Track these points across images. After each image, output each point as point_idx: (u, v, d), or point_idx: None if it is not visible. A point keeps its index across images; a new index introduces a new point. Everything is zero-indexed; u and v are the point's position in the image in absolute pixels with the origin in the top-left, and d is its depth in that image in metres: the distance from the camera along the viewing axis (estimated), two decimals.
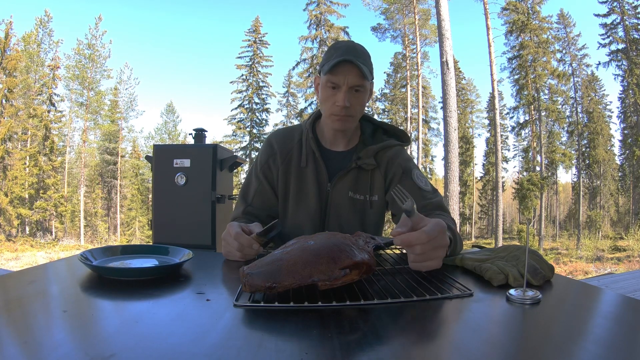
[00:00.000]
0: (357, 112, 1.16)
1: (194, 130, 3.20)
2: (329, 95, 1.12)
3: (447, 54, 9.68)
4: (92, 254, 0.84)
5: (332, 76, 1.09)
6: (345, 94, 1.10)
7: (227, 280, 0.82)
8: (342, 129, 1.18)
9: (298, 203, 1.24)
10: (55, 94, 20.63)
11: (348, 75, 1.09)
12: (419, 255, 0.74)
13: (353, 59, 1.07)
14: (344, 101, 1.09)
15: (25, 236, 19.04)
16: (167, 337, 0.49)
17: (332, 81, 1.10)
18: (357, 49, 1.12)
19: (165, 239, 2.79)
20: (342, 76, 1.09)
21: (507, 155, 23.39)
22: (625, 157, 21.23)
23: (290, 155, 1.25)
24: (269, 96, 24.23)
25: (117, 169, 22.55)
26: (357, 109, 1.14)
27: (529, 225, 0.95)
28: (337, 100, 1.11)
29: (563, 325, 0.57)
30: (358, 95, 1.13)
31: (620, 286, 3.95)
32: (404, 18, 21.94)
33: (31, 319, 0.54)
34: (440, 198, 1.19)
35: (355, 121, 1.19)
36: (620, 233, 20.19)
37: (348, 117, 1.14)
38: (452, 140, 9.70)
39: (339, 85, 1.10)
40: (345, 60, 1.07)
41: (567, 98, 20.88)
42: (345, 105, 1.10)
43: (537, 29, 20.28)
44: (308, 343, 0.50)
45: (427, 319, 0.60)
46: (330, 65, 1.08)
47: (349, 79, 1.09)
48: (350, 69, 1.08)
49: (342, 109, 1.11)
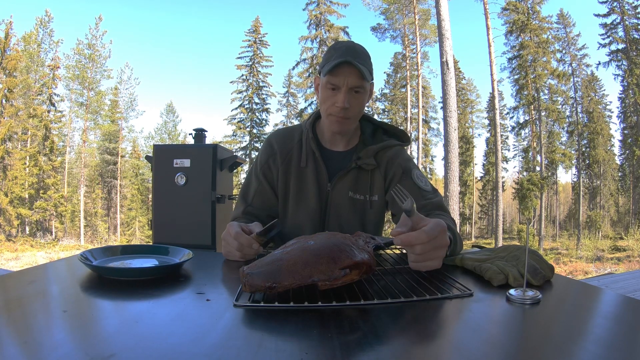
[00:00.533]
0: (356, 113, 1.16)
1: (194, 130, 3.20)
2: (328, 96, 1.12)
3: (447, 54, 9.68)
4: (92, 254, 0.84)
5: (332, 77, 1.09)
6: (345, 95, 1.10)
7: (227, 280, 0.82)
8: (339, 131, 1.18)
9: (298, 203, 1.24)
10: (55, 94, 20.64)
11: (348, 76, 1.09)
12: (419, 255, 0.74)
13: (353, 60, 1.07)
14: (343, 102, 1.09)
15: (25, 236, 19.04)
16: (167, 337, 0.49)
17: (332, 82, 1.10)
18: (356, 50, 1.12)
19: (165, 239, 2.79)
20: (342, 77, 1.09)
21: (507, 155, 23.42)
22: (625, 157, 21.24)
23: (290, 155, 1.25)
24: (269, 96, 24.25)
25: (117, 169, 22.55)
26: (356, 110, 1.14)
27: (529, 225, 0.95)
28: (336, 101, 1.11)
29: (563, 325, 0.57)
30: (357, 97, 1.13)
31: (620, 286, 3.95)
32: (404, 18, 21.94)
33: (31, 319, 0.54)
34: (440, 198, 1.19)
35: (353, 122, 1.19)
36: (620, 233, 20.18)
37: (346, 118, 1.14)
38: (452, 140, 9.70)
39: (339, 86, 1.10)
40: (345, 62, 1.07)
41: (567, 98, 20.88)
42: (345, 106, 1.10)
43: (537, 29, 20.28)
44: (308, 343, 0.50)
45: (427, 319, 0.60)
46: (330, 66, 1.08)
47: (348, 80, 1.09)
48: (350, 70, 1.08)
49: (341, 109, 1.11)
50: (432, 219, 0.76)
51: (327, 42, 21.72)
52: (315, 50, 22.28)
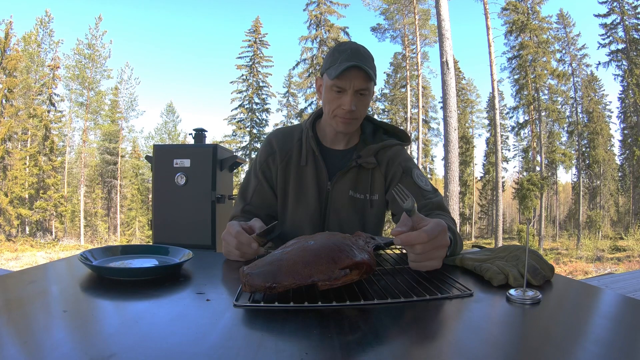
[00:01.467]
0: (362, 114, 1.17)
1: (194, 130, 3.20)
2: (333, 97, 1.12)
3: (447, 54, 9.68)
4: (92, 254, 0.84)
5: (339, 81, 1.09)
6: (352, 98, 1.10)
7: (227, 280, 0.82)
8: (346, 132, 1.19)
9: (298, 202, 1.24)
10: (55, 94, 20.64)
11: (354, 79, 1.09)
12: (419, 255, 0.74)
13: (360, 63, 1.07)
14: (350, 105, 1.10)
15: (25, 236, 19.04)
16: (167, 337, 0.49)
17: (338, 85, 1.10)
18: (361, 52, 1.12)
19: (165, 239, 2.79)
20: (349, 81, 1.09)
21: (507, 155, 23.42)
22: (625, 157, 21.24)
23: (289, 154, 1.25)
24: (269, 96, 24.25)
25: (117, 169, 22.54)
26: (362, 111, 1.15)
27: (529, 225, 0.95)
28: (343, 104, 1.11)
29: (563, 325, 0.57)
30: (363, 99, 1.13)
31: (620, 286, 3.95)
32: (404, 18, 21.94)
33: (31, 319, 0.54)
34: (441, 198, 1.19)
35: (359, 123, 1.20)
36: (620, 233, 20.18)
37: (353, 119, 1.14)
38: (452, 140, 9.70)
39: (345, 89, 1.10)
40: (354, 66, 1.07)
41: (567, 98, 20.89)
42: (352, 109, 1.10)
43: (537, 29, 20.29)
44: (308, 343, 0.50)
45: (427, 319, 0.59)
46: (338, 70, 1.07)
47: (355, 83, 1.09)
48: (357, 73, 1.08)
49: (348, 112, 1.11)
50: (432, 219, 0.76)
51: (327, 42, 21.72)
52: (315, 50, 22.28)
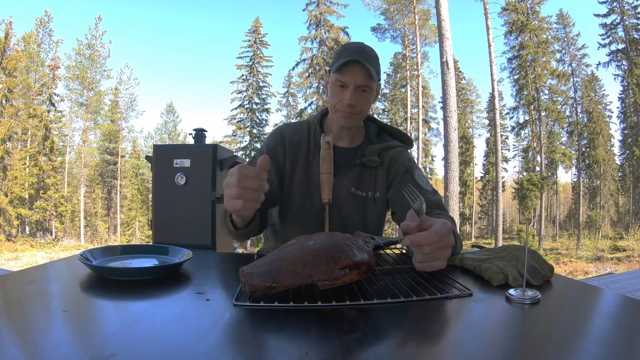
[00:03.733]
0: (363, 111, 1.20)
1: (194, 130, 3.20)
2: (336, 92, 1.17)
3: (447, 54, 9.68)
4: (92, 254, 0.84)
5: (340, 75, 1.14)
6: (352, 93, 1.14)
7: (227, 280, 0.82)
8: (346, 126, 1.21)
9: (304, 196, 1.24)
10: (55, 94, 20.64)
11: (356, 75, 1.13)
12: (426, 255, 0.74)
13: (361, 59, 1.11)
14: (350, 99, 1.13)
15: (25, 236, 19.04)
16: (167, 337, 0.49)
17: (340, 80, 1.14)
18: (366, 51, 1.17)
19: (165, 239, 2.79)
20: (350, 76, 1.13)
21: (507, 155, 23.41)
22: (625, 157, 21.23)
23: (298, 146, 1.26)
24: (269, 96, 24.24)
25: (117, 169, 22.54)
26: (363, 107, 1.18)
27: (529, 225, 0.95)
28: (343, 99, 1.15)
29: (563, 325, 0.57)
30: (364, 95, 1.17)
31: (620, 286, 3.96)
32: (404, 18, 21.94)
33: (31, 319, 0.54)
34: (440, 197, 1.22)
35: (360, 119, 1.22)
36: (620, 233, 20.18)
37: (353, 114, 1.17)
38: (452, 140, 9.70)
39: (347, 84, 1.14)
40: (354, 61, 1.11)
41: (567, 98, 20.89)
42: (351, 103, 1.14)
43: (536, 29, 20.29)
44: (308, 343, 0.50)
45: (427, 319, 0.59)
46: (339, 64, 1.12)
47: (356, 79, 1.13)
48: (358, 69, 1.12)
49: (347, 106, 1.15)
50: (437, 219, 0.76)
51: (326, 42, 21.72)
52: (315, 50, 22.28)
